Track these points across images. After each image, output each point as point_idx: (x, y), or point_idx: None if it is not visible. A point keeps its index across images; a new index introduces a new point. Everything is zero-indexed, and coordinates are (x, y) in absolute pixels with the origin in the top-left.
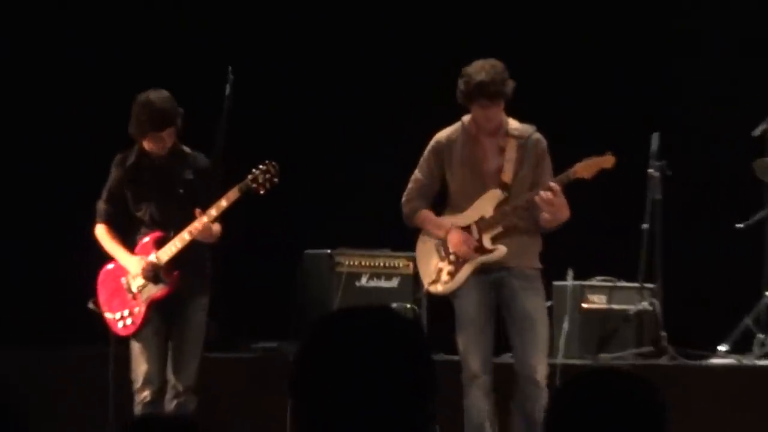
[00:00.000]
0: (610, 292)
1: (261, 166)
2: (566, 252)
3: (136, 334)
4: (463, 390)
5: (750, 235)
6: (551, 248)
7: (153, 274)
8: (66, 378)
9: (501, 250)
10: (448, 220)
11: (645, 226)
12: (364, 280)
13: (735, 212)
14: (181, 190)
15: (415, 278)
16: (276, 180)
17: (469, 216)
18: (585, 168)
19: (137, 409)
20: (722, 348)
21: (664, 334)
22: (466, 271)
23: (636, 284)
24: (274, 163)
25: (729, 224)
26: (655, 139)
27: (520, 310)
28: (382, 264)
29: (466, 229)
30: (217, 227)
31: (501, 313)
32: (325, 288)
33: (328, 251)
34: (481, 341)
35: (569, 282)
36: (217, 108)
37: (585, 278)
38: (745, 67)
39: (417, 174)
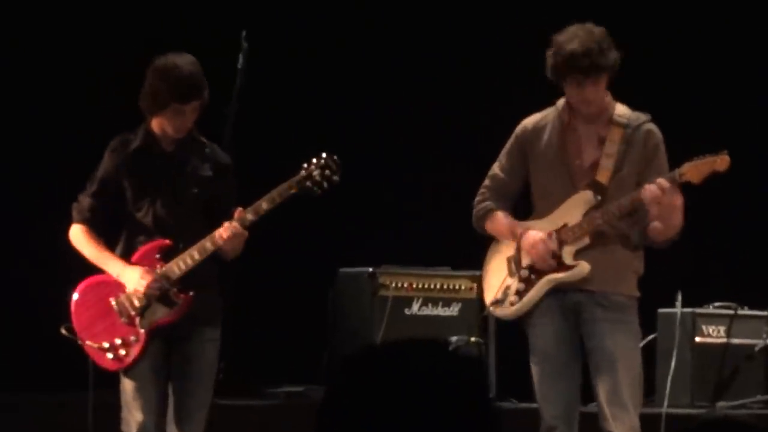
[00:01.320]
0: (731, 323)
1: (316, 160)
2: (675, 272)
3: (130, 372)
4: None
5: None
6: (655, 266)
7: (160, 292)
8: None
9: (583, 267)
10: (525, 225)
11: None
12: (415, 307)
13: None
14: (195, 189)
15: (481, 304)
16: (336, 179)
17: (551, 223)
18: (695, 169)
19: None
20: None
21: None
22: (538, 290)
23: (763, 312)
24: (333, 156)
25: None
26: None
27: (599, 347)
28: (438, 286)
29: None
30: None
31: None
32: (365, 317)
33: (370, 269)
34: (560, 383)
35: (678, 309)
36: (227, 85)
37: (699, 305)
38: None
39: (495, 168)
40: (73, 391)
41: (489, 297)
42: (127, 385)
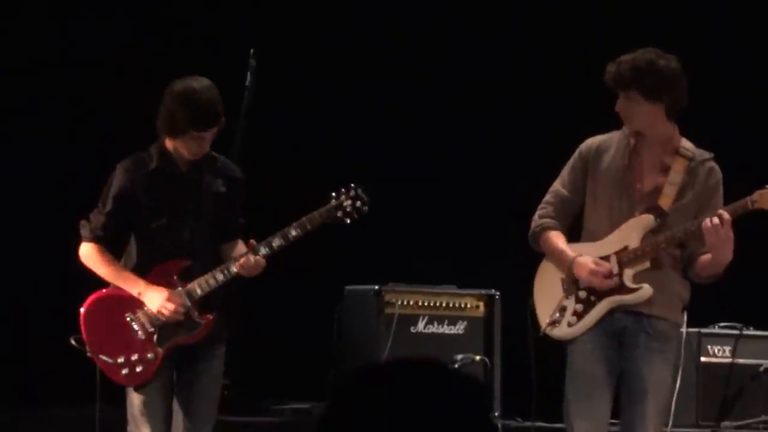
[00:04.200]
0: (736, 343)
1: (346, 190)
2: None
3: (137, 387)
4: None
5: None
6: None
7: (183, 312)
8: None
9: (646, 290)
10: (579, 247)
11: None
12: (421, 325)
13: None
14: (212, 207)
15: (487, 322)
16: (366, 209)
17: (610, 244)
18: (767, 198)
19: None
20: None
21: None
22: (599, 311)
23: None
24: (362, 185)
25: None
26: None
27: (637, 375)
28: (444, 304)
29: (604, 260)
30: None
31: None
32: (371, 334)
33: (376, 287)
34: (593, 405)
35: (684, 329)
36: (235, 101)
37: (704, 325)
38: None
39: (557, 185)
40: (78, 405)
41: (543, 318)
42: (135, 399)
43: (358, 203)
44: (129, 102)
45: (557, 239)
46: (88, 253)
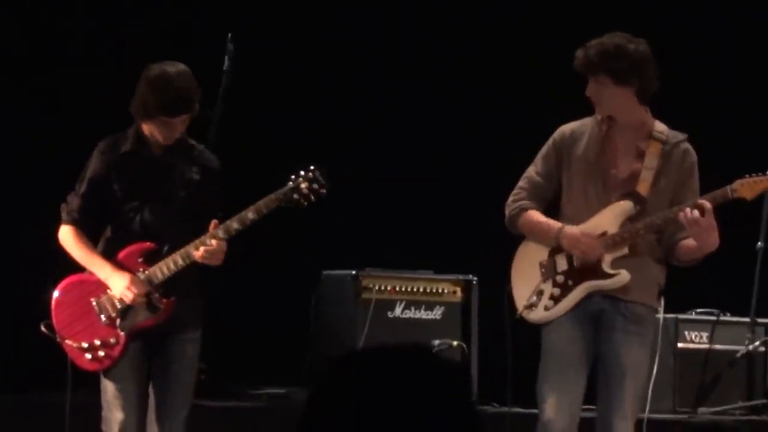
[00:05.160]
0: (713, 329)
1: (304, 173)
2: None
3: (110, 372)
4: None
5: None
6: None
7: (144, 297)
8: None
9: (624, 275)
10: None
11: (760, 245)
12: (398, 310)
13: None
14: (182, 193)
15: (464, 308)
16: (324, 192)
17: (590, 229)
18: (749, 187)
19: None
20: None
21: None
22: (575, 296)
23: (746, 319)
24: (322, 168)
25: None
26: None
27: (614, 358)
28: (421, 290)
29: None
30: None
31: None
32: (348, 319)
33: (353, 272)
34: (566, 383)
35: (660, 315)
36: (212, 87)
37: (681, 311)
38: None
39: (530, 171)
40: (50, 392)
41: (521, 301)
42: (108, 385)
43: (315, 185)
44: (109, 84)
45: (538, 216)
46: (64, 235)
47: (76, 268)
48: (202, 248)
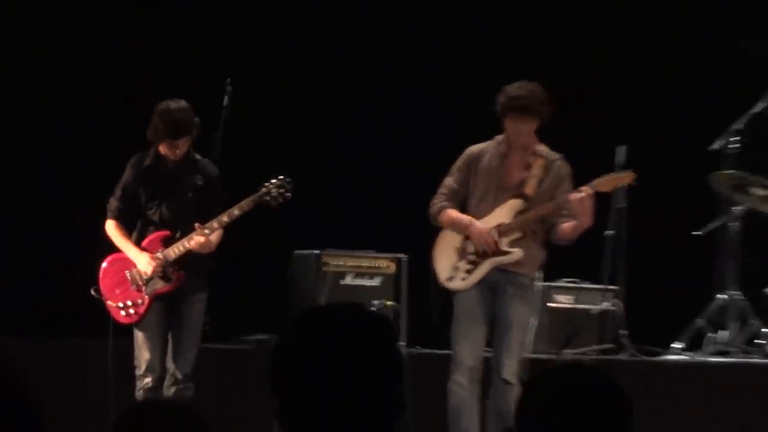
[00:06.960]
0: (576, 293)
1: (274, 180)
2: None
3: (140, 325)
4: (449, 376)
5: (705, 242)
6: None
7: (161, 270)
8: (67, 367)
9: (517, 252)
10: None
11: (609, 232)
12: (348, 279)
13: (693, 221)
14: (190, 194)
15: (396, 278)
16: (289, 195)
17: (489, 222)
18: (605, 183)
19: (139, 395)
20: (677, 345)
21: (624, 332)
22: (482, 269)
23: (600, 286)
24: (288, 178)
25: (686, 232)
26: (620, 152)
27: (504, 314)
28: (366, 264)
29: None
30: (216, 236)
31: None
32: (312, 286)
33: (317, 252)
34: (472, 332)
35: (538, 283)
36: (215, 117)
37: (553, 280)
38: (705, 84)
39: (448, 179)
40: (97, 338)
41: (442, 274)
42: (138, 334)
43: (281, 190)
44: (135, 114)
45: (455, 213)
46: (108, 227)
47: (116, 249)
48: (193, 241)
